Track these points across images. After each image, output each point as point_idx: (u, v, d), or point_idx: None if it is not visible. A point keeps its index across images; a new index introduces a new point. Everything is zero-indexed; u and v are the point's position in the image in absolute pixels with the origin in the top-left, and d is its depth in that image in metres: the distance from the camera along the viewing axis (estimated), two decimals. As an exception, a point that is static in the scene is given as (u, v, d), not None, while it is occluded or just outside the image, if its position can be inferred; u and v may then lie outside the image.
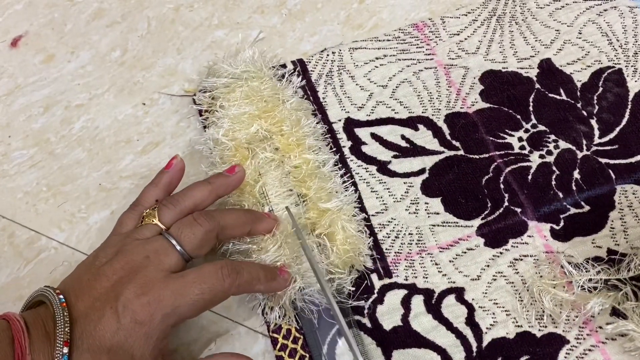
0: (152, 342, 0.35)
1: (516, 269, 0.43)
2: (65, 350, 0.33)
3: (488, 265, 0.43)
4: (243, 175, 0.43)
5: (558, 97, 0.50)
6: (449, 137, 0.48)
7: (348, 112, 0.50)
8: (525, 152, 0.47)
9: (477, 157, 0.47)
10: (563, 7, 0.54)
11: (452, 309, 0.42)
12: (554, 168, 0.46)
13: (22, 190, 0.48)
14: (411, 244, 0.44)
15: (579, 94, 0.50)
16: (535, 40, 0.52)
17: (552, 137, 0.48)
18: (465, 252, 0.44)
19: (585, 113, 0.49)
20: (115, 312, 0.34)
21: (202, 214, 0.39)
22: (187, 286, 0.36)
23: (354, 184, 0.46)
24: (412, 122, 0.49)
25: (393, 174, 0.47)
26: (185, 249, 0.37)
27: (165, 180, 0.42)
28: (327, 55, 0.52)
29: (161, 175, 0.42)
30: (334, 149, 0.48)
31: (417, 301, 0.42)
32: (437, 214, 0.45)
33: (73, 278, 0.37)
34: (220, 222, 0.39)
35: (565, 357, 0.40)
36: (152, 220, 0.38)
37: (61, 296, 0.35)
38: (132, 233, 0.38)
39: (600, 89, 0.50)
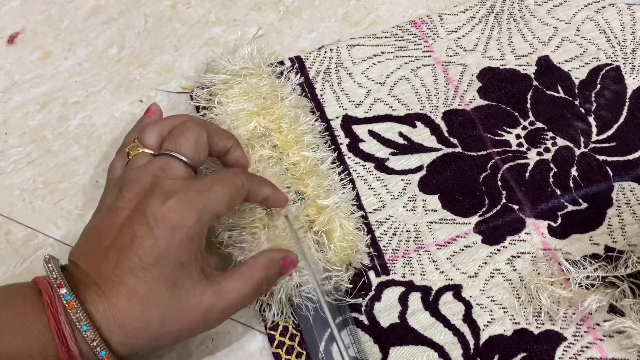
0: (195, 244, 0.34)
1: (514, 266, 0.43)
2: (63, 291, 0.32)
3: (485, 263, 0.43)
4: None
5: (556, 94, 0.49)
6: (446, 134, 0.48)
7: (346, 109, 0.49)
8: (523, 149, 0.47)
9: (475, 154, 0.47)
10: (561, 4, 0.54)
11: (449, 306, 0.42)
12: (552, 165, 0.46)
13: (19, 187, 0.47)
14: (408, 241, 0.44)
15: (576, 91, 0.49)
16: (533, 38, 0.52)
17: (550, 134, 0.48)
18: (462, 250, 0.44)
19: (583, 110, 0.49)
20: (148, 226, 0.33)
21: (187, 120, 0.39)
22: (208, 184, 0.36)
23: (352, 182, 0.46)
24: (409, 119, 0.49)
25: (391, 171, 0.47)
26: (187, 156, 0.37)
27: (145, 123, 0.41)
28: (325, 52, 0.52)
29: (141, 119, 0.43)
30: (332, 147, 0.48)
31: (415, 298, 0.42)
32: (435, 211, 0.45)
33: (82, 234, 0.36)
34: (208, 127, 0.39)
35: (563, 355, 0.40)
36: (138, 150, 0.38)
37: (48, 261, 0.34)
38: (125, 170, 0.38)
39: (598, 86, 0.50)
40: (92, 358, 0.32)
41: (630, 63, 0.50)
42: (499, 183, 0.46)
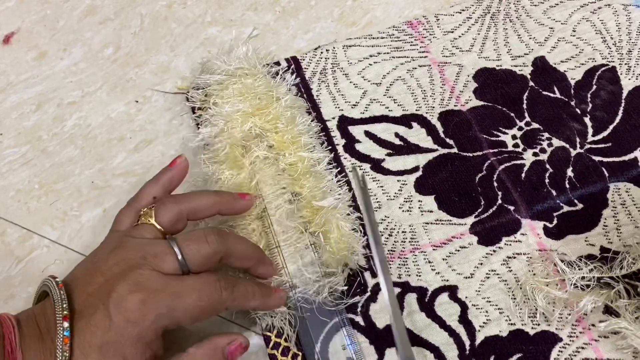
0: (144, 343, 0.34)
1: (509, 267, 0.43)
2: (66, 324, 0.33)
3: (481, 263, 0.43)
4: (251, 204, 0.42)
5: (552, 95, 0.49)
6: (442, 135, 0.48)
7: (342, 110, 0.49)
8: (519, 150, 0.47)
9: (471, 155, 0.47)
10: (557, 4, 0.54)
11: (445, 307, 0.42)
12: (548, 166, 0.46)
13: (14, 188, 0.47)
14: (404, 242, 0.44)
15: (572, 91, 0.50)
16: (529, 38, 0.52)
17: (546, 135, 0.48)
18: (458, 250, 0.44)
19: (579, 111, 0.49)
20: (107, 310, 0.33)
21: (215, 233, 0.37)
22: (184, 290, 0.35)
23: (348, 183, 0.46)
24: (406, 120, 0.49)
25: (387, 172, 0.47)
26: (188, 261, 0.36)
27: (166, 178, 0.41)
28: (321, 52, 0.52)
29: (163, 172, 0.41)
30: (328, 147, 0.48)
31: (411, 299, 0.42)
32: (431, 212, 0.45)
33: (72, 274, 0.36)
34: (230, 248, 0.38)
35: (558, 355, 0.40)
36: (149, 220, 0.37)
37: (61, 287, 0.35)
38: (130, 232, 0.37)
39: (594, 86, 0.50)
40: None
41: (626, 64, 0.50)
42: (495, 184, 0.46)
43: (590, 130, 0.48)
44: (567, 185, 0.46)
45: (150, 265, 0.35)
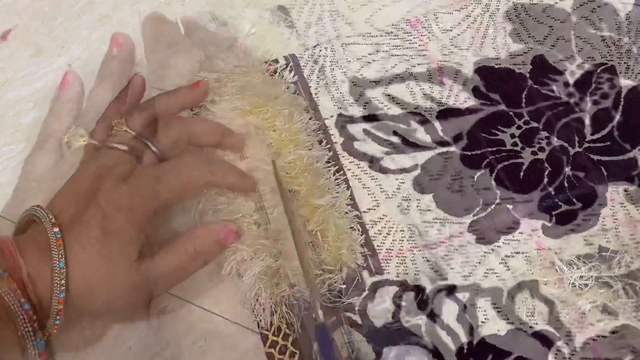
0: (137, 227, 0.37)
1: (508, 266, 0.43)
2: (56, 229, 0.35)
3: (479, 262, 0.43)
4: (207, 89, 0.45)
5: (551, 93, 0.49)
6: (441, 134, 0.48)
7: (340, 107, 0.49)
8: (518, 148, 0.47)
9: (470, 153, 0.47)
10: (556, 2, 0.53)
11: (443, 306, 0.42)
12: (546, 165, 0.46)
13: (11, 185, 0.47)
14: (402, 240, 0.44)
15: (571, 90, 0.49)
16: (529, 36, 0.52)
17: (545, 133, 0.48)
18: (456, 249, 0.44)
19: (577, 110, 0.49)
20: (98, 205, 0.36)
21: (174, 118, 0.42)
22: (163, 172, 0.39)
23: (346, 181, 0.46)
24: (404, 118, 0.49)
25: (385, 171, 0.47)
26: (161, 150, 0.40)
27: (128, 96, 0.43)
28: (320, 50, 0.52)
29: (124, 92, 0.44)
30: (327, 145, 0.47)
31: (408, 298, 0.42)
32: (429, 210, 0.45)
33: (58, 192, 0.39)
34: (191, 127, 0.42)
35: (556, 355, 0.40)
36: (122, 128, 0.40)
37: (40, 206, 0.37)
38: (105, 142, 0.40)
39: (593, 85, 0.50)
40: (48, 306, 0.35)
41: (625, 63, 0.50)
42: (493, 182, 0.46)
43: (589, 129, 0.48)
44: (566, 184, 0.46)
45: (128, 160, 0.39)
